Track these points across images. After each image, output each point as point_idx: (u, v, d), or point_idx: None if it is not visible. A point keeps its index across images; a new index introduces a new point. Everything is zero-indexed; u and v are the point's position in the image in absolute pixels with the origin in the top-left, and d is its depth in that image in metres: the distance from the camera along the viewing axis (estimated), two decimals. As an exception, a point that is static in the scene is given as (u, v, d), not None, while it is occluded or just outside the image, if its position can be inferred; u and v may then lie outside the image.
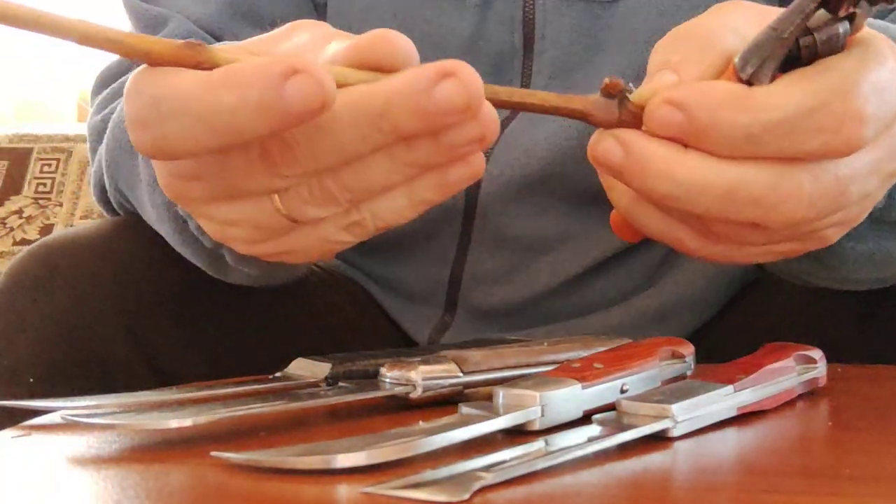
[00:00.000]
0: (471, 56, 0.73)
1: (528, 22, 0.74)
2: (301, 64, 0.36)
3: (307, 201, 0.41)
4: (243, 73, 0.37)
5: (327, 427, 0.47)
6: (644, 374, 0.48)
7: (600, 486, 0.37)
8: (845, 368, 0.58)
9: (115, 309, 0.68)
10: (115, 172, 0.68)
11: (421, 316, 0.80)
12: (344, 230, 0.42)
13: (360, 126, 0.38)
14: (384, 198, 0.41)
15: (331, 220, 0.42)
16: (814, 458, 0.43)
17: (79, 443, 0.43)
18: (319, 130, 0.38)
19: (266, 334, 0.74)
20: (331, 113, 0.38)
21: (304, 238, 0.43)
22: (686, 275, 0.77)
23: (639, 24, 0.72)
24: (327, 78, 0.37)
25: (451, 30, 0.74)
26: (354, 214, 0.42)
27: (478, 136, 0.39)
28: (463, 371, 0.49)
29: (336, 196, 0.41)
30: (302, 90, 0.36)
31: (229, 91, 0.37)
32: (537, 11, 0.73)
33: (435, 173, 0.41)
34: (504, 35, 0.74)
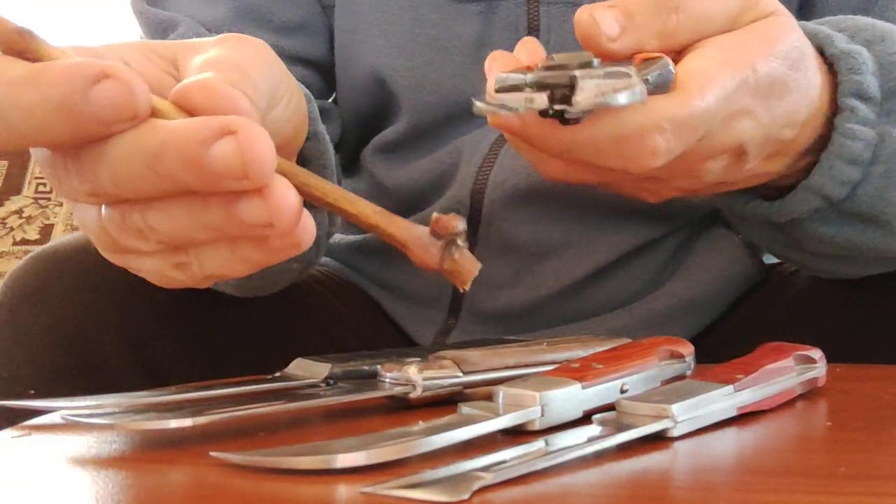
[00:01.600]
0: (475, 61, 0.73)
1: (533, 28, 0.74)
2: (114, 69, 0.35)
3: (120, 228, 0.39)
4: (50, 71, 0.35)
5: (327, 427, 0.47)
6: (644, 374, 0.48)
7: (600, 486, 0.37)
8: (845, 368, 0.58)
9: (114, 318, 0.67)
10: None
11: (425, 319, 0.80)
12: (173, 268, 0.40)
13: (135, 163, 0.36)
14: (207, 248, 0.39)
15: (156, 255, 0.40)
16: (813, 458, 0.43)
17: (79, 443, 0.43)
18: (101, 154, 0.36)
19: (265, 341, 0.74)
20: (111, 141, 0.36)
21: (143, 265, 0.41)
22: (689, 279, 0.77)
23: None
24: (141, 88, 0.35)
25: (456, 35, 0.74)
26: (181, 255, 0.40)
27: (264, 220, 0.36)
28: (463, 371, 0.49)
29: (144, 233, 0.38)
30: (110, 96, 0.34)
31: (31, 90, 0.35)
32: (542, 17, 0.73)
33: (252, 239, 0.38)
34: (508, 41, 0.73)
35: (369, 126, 0.81)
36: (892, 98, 0.55)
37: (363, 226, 0.40)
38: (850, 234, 0.58)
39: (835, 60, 0.54)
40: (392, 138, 0.79)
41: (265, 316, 0.75)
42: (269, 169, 0.36)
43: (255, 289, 0.63)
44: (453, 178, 0.76)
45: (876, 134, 0.54)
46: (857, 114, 0.53)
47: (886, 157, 0.55)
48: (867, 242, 0.58)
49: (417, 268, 0.44)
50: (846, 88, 0.53)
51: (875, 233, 0.58)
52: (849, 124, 0.54)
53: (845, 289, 0.69)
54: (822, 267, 0.64)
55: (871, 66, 0.54)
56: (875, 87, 0.54)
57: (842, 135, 0.54)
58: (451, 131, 0.77)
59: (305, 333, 0.77)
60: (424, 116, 0.77)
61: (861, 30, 0.56)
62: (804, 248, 0.61)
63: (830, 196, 0.55)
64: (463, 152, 0.76)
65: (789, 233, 0.59)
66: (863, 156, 0.54)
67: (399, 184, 0.79)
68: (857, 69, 0.53)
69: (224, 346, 0.72)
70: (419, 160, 0.78)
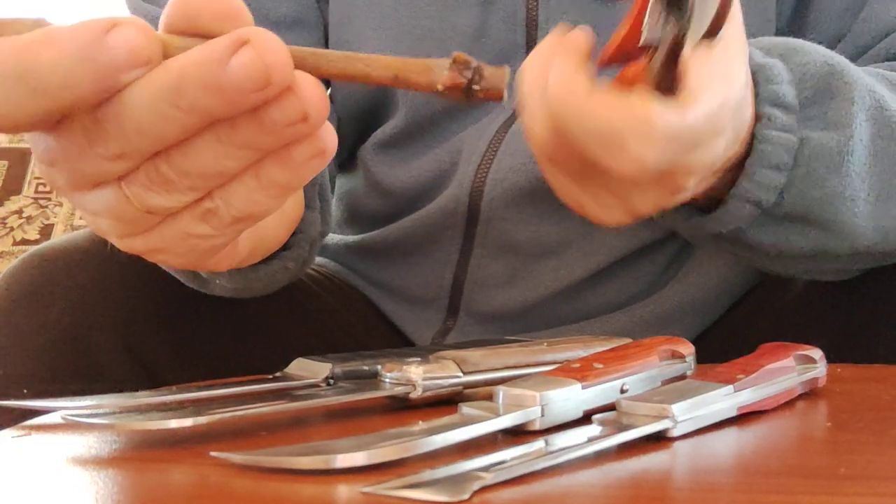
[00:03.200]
0: (473, 51, 0.73)
1: (532, 19, 0.74)
2: (121, 19, 0.35)
3: (148, 187, 0.39)
4: (62, 30, 0.35)
5: (327, 427, 0.47)
6: (644, 374, 0.48)
7: (600, 486, 0.37)
8: (845, 368, 0.58)
9: (110, 317, 0.67)
10: None
11: (423, 320, 0.80)
12: (199, 220, 0.41)
13: (157, 104, 0.36)
14: (233, 184, 0.39)
15: (185, 211, 0.40)
16: (813, 458, 0.43)
17: (79, 443, 0.43)
18: (123, 107, 0.36)
19: (262, 342, 0.74)
20: (129, 91, 0.36)
21: (167, 232, 0.41)
22: (689, 281, 0.77)
23: None
24: (150, 30, 0.35)
25: (453, 25, 0.74)
26: (206, 202, 0.40)
27: (299, 115, 0.37)
28: (463, 371, 0.49)
29: (175, 182, 0.39)
30: (125, 39, 0.35)
31: (48, 47, 0.35)
32: (540, 8, 0.73)
33: (277, 155, 0.39)
34: (507, 32, 0.74)
35: (366, 122, 0.81)
36: (810, 105, 0.57)
37: (382, 80, 0.39)
38: (789, 236, 0.59)
39: (752, 73, 0.56)
40: (390, 133, 0.79)
41: (262, 317, 0.75)
42: (290, 67, 0.36)
43: (252, 290, 0.63)
44: (452, 177, 0.76)
45: (796, 139, 0.56)
46: (775, 121, 0.56)
47: (806, 159, 0.57)
48: (807, 242, 0.59)
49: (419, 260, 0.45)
50: (764, 98, 0.56)
51: (812, 232, 0.59)
52: (767, 131, 0.56)
53: (845, 289, 0.69)
54: (788, 269, 0.65)
55: (787, 77, 0.57)
56: (792, 96, 0.56)
57: (761, 141, 0.56)
58: (450, 125, 0.77)
59: (302, 335, 0.77)
60: (422, 110, 0.77)
61: (775, 45, 0.59)
62: (759, 253, 0.62)
63: (760, 202, 0.57)
64: (462, 150, 0.76)
65: (736, 243, 0.61)
66: (784, 160, 0.56)
67: (398, 182, 0.79)
68: (773, 79, 0.56)
69: (220, 346, 0.72)
70: (419, 158, 0.78)
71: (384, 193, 0.80)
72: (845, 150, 0.57)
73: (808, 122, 0.57)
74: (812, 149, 0.57)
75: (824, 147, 0.57)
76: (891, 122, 0.59)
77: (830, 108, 0.57)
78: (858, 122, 0.57)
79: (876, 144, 0.58)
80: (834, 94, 0.57)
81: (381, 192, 0.81)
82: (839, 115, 0.57)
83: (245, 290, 0.63)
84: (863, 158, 0.58)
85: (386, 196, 0.80)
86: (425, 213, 0.77)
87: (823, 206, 0.58)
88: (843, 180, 0.57)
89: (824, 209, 0.58)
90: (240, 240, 0.48)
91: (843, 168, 0.57)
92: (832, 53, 0.59)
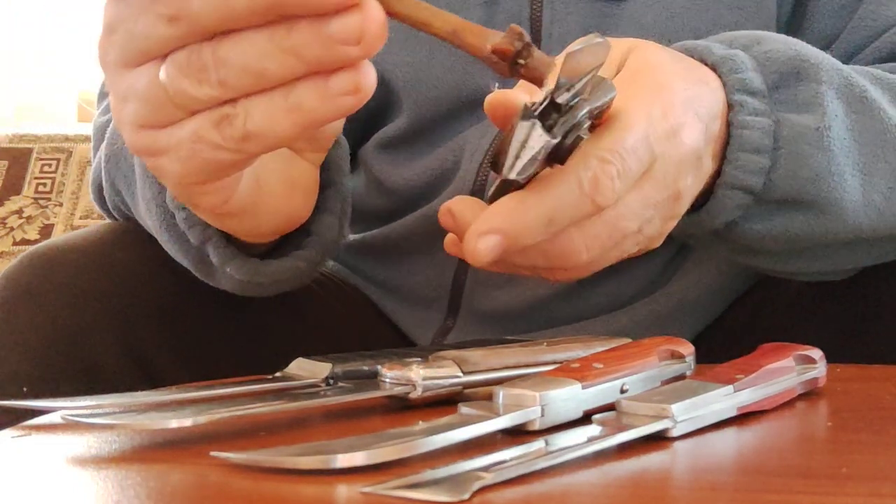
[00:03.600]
0: None
1: (536, 20, 0.74)
2: None
3: (184, 72, 0.41)
4: None
5: (327, 427, 0.47)
6: (644, 374, 0.48)
7: (600, 486, 0.37)
8: (845, 368, 0.58)
9: (108, 316, 0.67)
10: (114, 168, 0.68)
11: (423, 320, 0.80)
12: (214, 125, 0.42)
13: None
14: (261, 95, 0.41)
15: (205, 113, 0.42)
16: (813, 458, 0.43)
17: (79, 443, 0.43)
18: None
19: (261, 343, 0.74)
20: None
21: (180, 132, 0.43)
22: (688, 280, 0.77)
23: (648, 24, 0.72)
24: None
25: None
26: (228, 108, 0.41)
27: (356, 34, 0.38)
28: (463, 371, 0.49)
29: (210, 70, 0.40)
30: None
31: None
32: (545, 9, 0.73)
33: (315, 78, 0.40)
34: None
35: (369, 123, 0.81)
36: (779, 89, 0.58)
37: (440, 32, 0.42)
38: (782, 223, 0.60)
39: (716, 66, 0.57)
40: (393, 134, 0.79)
41: (262, 316, 0.75)
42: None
43: (257, 286, 0.63)
44: (454, 175, 0.76)
45: (771, 122, 0.57)
46: (747, 106, 0.57)
47: (786, 139, 0.58)
48: (803, 228, 0.60)
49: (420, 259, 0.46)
50: (732, 86, 0.57)
51: (805, 216, 0.59)
52: (741, 117, 0.57)
53: (845, 289, 0.69)
54: (785, 267, 0.65)
55: (751, 64, 0.58)
56: (759, 81, 0.58)
57: (738, 127, 0.57)
58: (453, 125, 0.77)
59: (302, 334, 0.77)
60: (425, 112, 0.77)
61: (736, 38, 0.61)
62: (755, 250, 0.62)
63: (749, 188, 0.57)
64: (465, 149, 0.76)
65: (732, 239, 0.61)
66: (764, 143, 0.57)
67: (400, 181, 0.79)
68: (737, 69, 0.57)
69: (219, 346, 0.72)
70: (421, 158, 0.78)
71: (385, 192, 0.80)
72: (822, 125, 0.58)
73: (779, 106, 0.58)
74: (791, 129, 0.57)
75: (803, 126, 0.57)
76: (861, 96, 0.60)
77: (799, 90, 0.58)
78: (829, 99, 0.58)
79: (851, 119, 0.59)
80: (801, 76, 0.58)
81: (382, 191, 0.81)
82: (809, 96, 0.58)
83: (250, 287, 0.63)
84: (842, 133, 0.59)
85: (387, 195, 0.80)
86: (427, 212, 0.77)
87: (813, 184, 0.58)
88: (827, 155, 0.58)
89: (814, 187, 0.58)
90: (235, 181, 0.49)
91: (825, 143, 0.58)
92: (795, 40, 0.61)
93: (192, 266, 0.63)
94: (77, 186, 1.90)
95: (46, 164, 1.93)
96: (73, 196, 1.89)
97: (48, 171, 1.92)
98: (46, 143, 1.96)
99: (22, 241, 1.84)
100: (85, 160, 1.93)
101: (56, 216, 1.87)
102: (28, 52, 2.54)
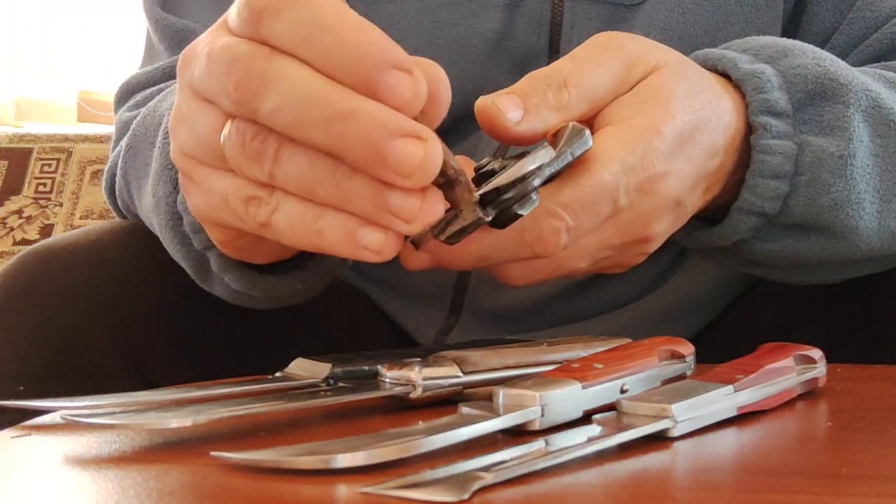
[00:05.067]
0: (496, 55, 0.72)
1: (556, 23, 0.73)
2: None
3: (244, 145, 0.41)
4: None
5: (327, 427, 0.47)
6: (644, 374, 0.48)
7: (600, 486, 0.37)
8: (845, 368, 0.58)
9: (104, 316, 0.67)
10: (131, 159, 0.68)
11: (425, 318, 0.80)
12: (243, 200, 0.43)
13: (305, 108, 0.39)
14: (296, 202, 0.42)
15: (241, 183, 0.43)
16: (814, 458, 0.43)
17: (79, 443, 0.43)
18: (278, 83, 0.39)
19: (260, 344, 0.74)
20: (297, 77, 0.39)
21: (213, 180, 0.44)
22: (689, 278, 0.77)
23: (658, 21, 0.72)
24: None
25: (477, 32, 0.73)
26: (264, 192, 0.42)
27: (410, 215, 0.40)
28: (463, 371, 0.49)
29: (266, 160, 0.41)
30: None
31: None
32: (566, 12, 0.73)
33: (348, 218, 0.41)
34: (531, 36, 0.73)
35: None
36: (805, 108, 0.57)
37: None
38: (794, 245, 0.59)
39: (740, 83, 0.56)
40: None
41: (260, 315, 0.74)
42: (434, 173, 0.40)
43: (254, 299, 0.63)
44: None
45: (795, 145, 0.56)
46: (771, 129, 0.55)
47: (808, 166, 0.56)
48: (814, 250, 0.59)
49: None
50: (756, 107, 0.55)
51: (819, 240, 0.59)
52: (764, 140, 0.55)
53: (845, 288, 0.69)
54: (789, 279, 0.65)
55: (777, 82, 0.56)
56: (784, 101, 0.56)
57: (760, 152, 0.55)
58: (469, 125, 0.77)
59: (302, 333, 0.77)
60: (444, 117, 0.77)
61: (764, 47, 0.58)
62: (761, 264, 0.62)
63: (764, 212, 0.57)
64: (478, 147, 0.76)
65: (740, 255, 0.60)
66: (784, 169, 0.56)
67: None
68: (762, 88, 0.56)
69: (217, 346, 0.72)
70: None
71: None
72: (846, 153, 0.56)
73: (803, 126, 0.57)
74: (814, 154, 0.56)
75: (825, 152, 0.56)
76: (888, 119, 0.58)
77: (825, 111, 0.57)
78: (856, 123, 0.57)
79: (876, 144, 0.58)
80: (828, 96, 0.57)
81: None
82: (835, 119, 0.57)
83: (244, 298, 0.63)
84: (865, 160, 0.57)
85: None
86: None
87: (831, 212, 0.57)
88: (849, 184, 0.57)
89: (831, 215, 0.57)
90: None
91: (847, 171, 0.57)
92: (824, 54, 0.59)
93: (190, 269, 0.63)
94: (77, 186, 1.90)
95: (46, 164, 1.93)
96: (73, 196, 1.89)
97: (48, 171, 1.92)
98: (46, 143, 1.96)
99: (22, 241, 1.84)
100: (85, 160, 1.93)
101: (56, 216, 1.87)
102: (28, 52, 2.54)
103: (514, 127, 0.48)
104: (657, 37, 0.71)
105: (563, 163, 0.47)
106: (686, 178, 0.52)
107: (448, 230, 0.45)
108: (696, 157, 0.52)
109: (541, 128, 0.49)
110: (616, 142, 0.49)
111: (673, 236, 0.62)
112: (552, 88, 0.49)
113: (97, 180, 1.90)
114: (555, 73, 0.50)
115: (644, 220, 0.51)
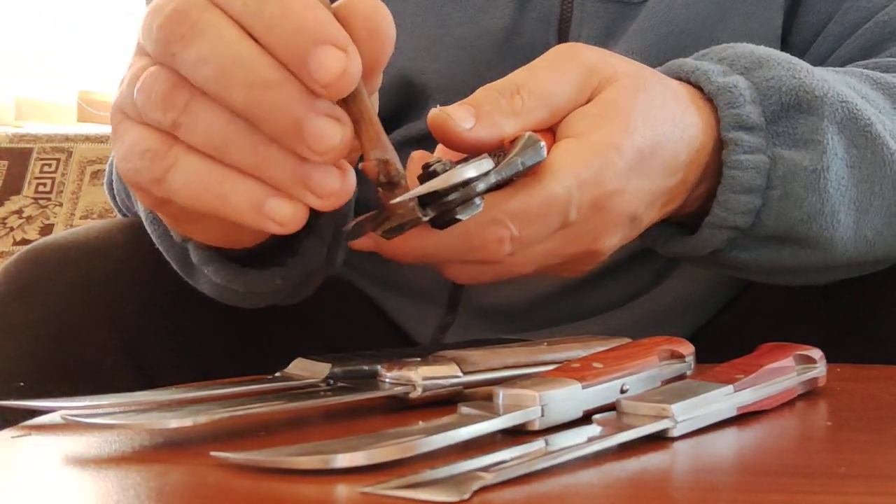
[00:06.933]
0: (504, 51, 0.72)
1: (566, 20, 0.73)
2: None
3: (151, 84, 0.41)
4: None
5: (327, 427, 0.47)
6: (644, 374, 0.48)
7: (600, 486, 0.37)
8: (845, 368, 0.58)
9: (104, 315, 0.67)
10: None
11: (423, 316, 0.80)
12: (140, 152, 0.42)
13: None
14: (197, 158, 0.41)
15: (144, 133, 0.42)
16: (814, 458, 0.43)
17: (79, 443, 0.43)
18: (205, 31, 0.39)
19: (258, 341, 0.74)
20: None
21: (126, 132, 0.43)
22: (686, 278, 0.77)
23: (661, 14, 0.72)
24: None
25: (484, 30, 0.73)
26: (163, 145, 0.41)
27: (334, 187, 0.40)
28: (463, 371, 0.49)
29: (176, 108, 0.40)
30: None
31: None
32: (575, 10, 0.73)
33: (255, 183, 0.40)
34: (539, 32, 0.73)
35: (391, 125, 0.81)
36: (779, 120, 0.56)
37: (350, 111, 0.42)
38: (770, 255, 0.59)
39: (712, 97, 0.55)
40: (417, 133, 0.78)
41: (260, 316, 0.74)
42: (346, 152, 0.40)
43: (236, 294, 0.62)
44: None
45: (767, 158, 0.55)
46: (742, 144, 0.55)
47: (780, 179, 0.56)
48: (790, 259, 0.59)
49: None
50: (727, 123, 0.55)
51: (794, 250, 0.59)
52: (735, 156, 0.55)
53: (842, 288, 0.69)
54: (771, 281, 0.65)
55: (750, 95, 0.55)
56: (757, 115, 0.55)
57: (731, 167, 0.55)
58: None
59: (300, 332, 0.77)
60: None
61: (740, 57, 0.58)
62: (741, 269, 0.62)
63: (737, 226, 0.57)
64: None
65: (717, 262, 0.60)
66: (756, 183, 0.55)
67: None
68: (734, 102, 0.55)
69: (216, 345, 0.72)
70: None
71: None
72: (820, 166, 0.56)
73: (776, 139, 0.56)
74: (786, 168, 0.56)
75: (798, 166, 0.56)
76: (865, 130, 0.58)
77: (799, 123, 0.56)
78: (829, 135, 0.56)
79: (851, 155, 0.58)
80: (802, 108, 0.56)
81: None
82: (809, 132, 0.56)
83: (227, 293, 0.62)
84: (840, 172, 0.57)
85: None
86: None
87: (804, 224, 0.57)
88: (822, 196, 0.56)
89: (805, 227, 0.57)
90: None
91: (821, 184, 0.56)
92: (801, 64, 0.58)
93: (175, 263, 0.63)
94: (77, 186, 1.90)
95: (46, 164, 1.93)
96: (73, 196, 1.89)
97: (48, 171, 1.92)
98: (46, 143, 1.96)
99: (22, 241, 1.84)
100: (85, 160, 1.93)
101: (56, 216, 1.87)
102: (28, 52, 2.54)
103: (466, 133, 0.48)
104: (660, 30, 0.71)
105: (513, 171, 0.46)
106: (643, 195, 0.52)
107: (385, 225, 0.45)
108: (656, 174, 0.52)
109: (496, 133, 0.48)
110: (572, 156, 0.49)
111: (649, 245, 0.62)
112: (505, 95, 0.49)
113: (97, 180, 1.90)
114: (508, 82, 0.50)
115: (595, 234, 0.51)
